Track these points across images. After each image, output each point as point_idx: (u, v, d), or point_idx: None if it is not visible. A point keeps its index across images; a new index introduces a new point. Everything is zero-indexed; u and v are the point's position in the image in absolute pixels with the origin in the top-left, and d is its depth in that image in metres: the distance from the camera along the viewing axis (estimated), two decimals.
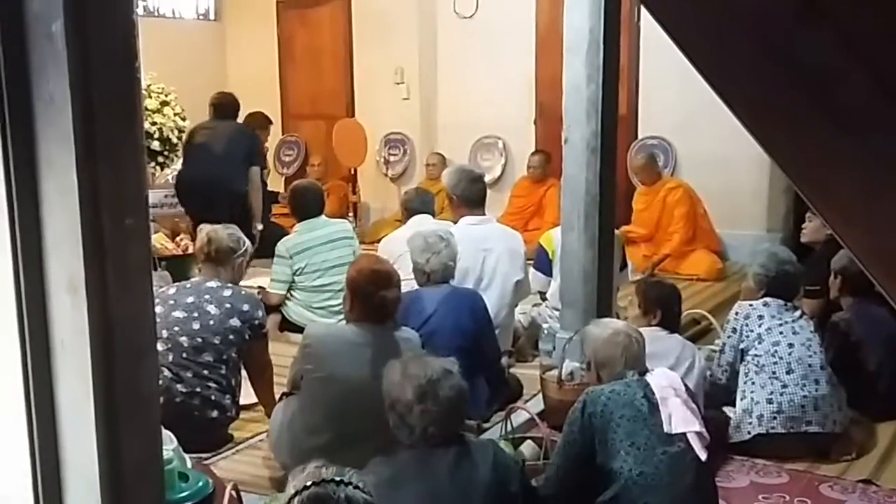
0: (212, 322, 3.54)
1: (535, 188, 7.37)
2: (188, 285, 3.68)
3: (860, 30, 1.04)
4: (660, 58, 5.96)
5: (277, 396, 3.66)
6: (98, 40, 1.34)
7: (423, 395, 2.48)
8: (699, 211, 6.69)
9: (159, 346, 3.24)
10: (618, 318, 4.21)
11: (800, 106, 1.06)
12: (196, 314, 3.54)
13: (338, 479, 1.93)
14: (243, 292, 3.79)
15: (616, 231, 4.59)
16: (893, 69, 1.05)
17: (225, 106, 6.20)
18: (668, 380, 2.93)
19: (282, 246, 5.07)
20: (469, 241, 4.38)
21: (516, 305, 4.69)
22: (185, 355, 3.49)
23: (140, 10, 7.79)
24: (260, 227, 6.00)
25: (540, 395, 4.03)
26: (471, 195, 4.65)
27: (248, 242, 3.92)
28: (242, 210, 5.79)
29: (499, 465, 2.55)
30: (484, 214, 4.70)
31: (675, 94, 6.32)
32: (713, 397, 3.89)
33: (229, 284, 3.74)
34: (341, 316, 4.73)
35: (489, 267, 4.47)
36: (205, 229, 3.86)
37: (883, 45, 1.04)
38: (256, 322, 3.67)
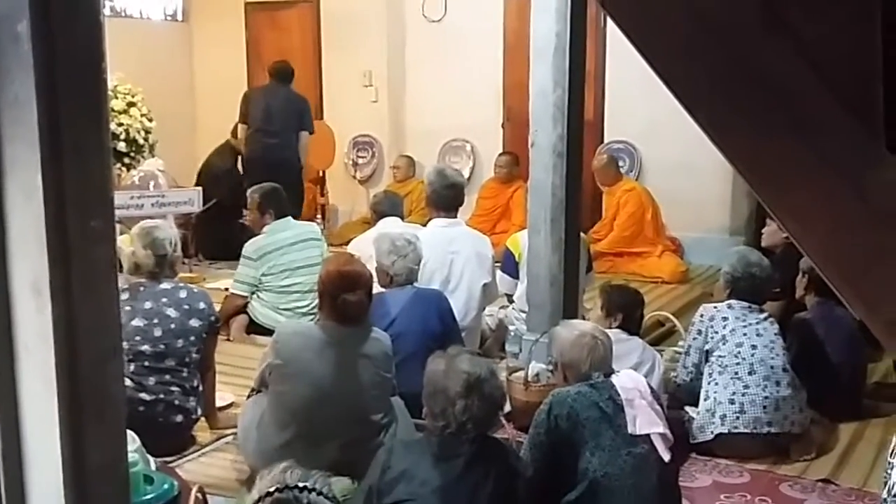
0: (173, 326, 3.52)
1: (503, 189, 7.40)
2: (142, 288, 3.58)
3: (821, 42, 1.07)
4: (626, 63, 6.00)
5: (245, 398, 3.65)
6: (64, 41, 1.34)
7: (470, 390, 2.52)
8: (647, 215, 6.77)
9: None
10: (584, 319, 4.25)
11: (760, 114, 1.09)
12: (156, 320, 3.51)
13: (301, 485, 1.93)
14: (195, 290, 3.79)
15: (582, 234, 4.63)
16: (852, 80, 1.08)
17: (281, 72, 6.91)
18: (634, 382, 2.96)
19: (250, 247, 5.06)
20: (438, 242, 4.40)
21: (484, 309, 4.71)
22: (147, 363, 3.46)
23: (107, 11, 7.71)
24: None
25: (507, 395, 4.05)
26: (439, 200, 4.68)
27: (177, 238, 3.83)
28: (298, 180, 6.54)
29: (510, 470, 2.59)
30: (455, 218, 4.73)
31: (641, 100, 6.38)
32: (677, 398, 3.95)
33: (181, 284, 3.75)
34: (309, 317, 4.75)
35: (457, 269, 4.49)
36: (140, 233, 3.67)
37: (843, 57, 1.07)
38: (213, 318, 3.70)
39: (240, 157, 7.11)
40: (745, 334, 3.86)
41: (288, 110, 6.78)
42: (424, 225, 4.84)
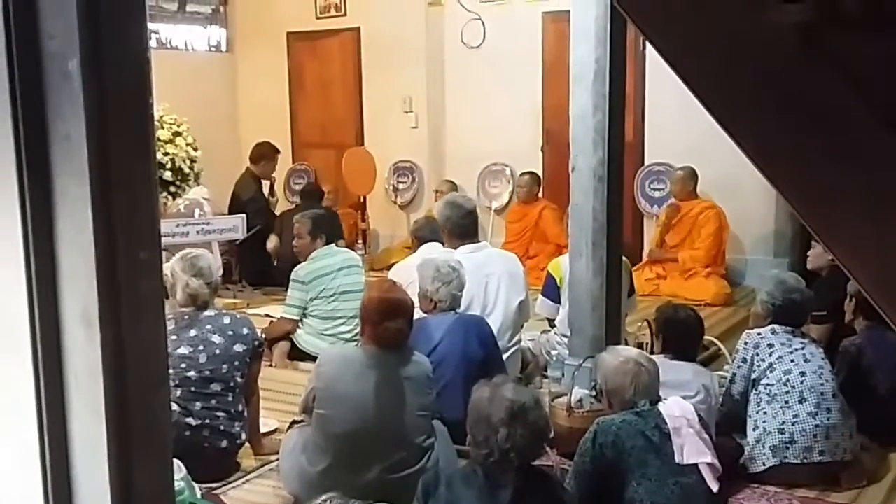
0: (218, 352, 3.56)
1: (526, 210, 7.43)
2: (186, 316, 3.62)
3: (862, 65, 1.05)
4: (665, 85, 5.98)
5: (287, 425, 3.67)
6: (113, 77, 1.37)
7: (513, 418, 2.49)
8: (725, 234, 6.72)
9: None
10: (626, 344, 4.21)
11: (804, 141, 1.08)
12: (202, 347, 3.55)
13: None
14: (238, 316, 3.84)
15: (624, 258, 4.60)
16: None
17: (310, 193, 7.36)
18: (682, 409, 2.92)
19: (301, 271, 5.13)
20: (471, 268, 4.40)
21: (521, 327, 4.69)
22: (193, 388, 3.50)
23: (153, 43, 7.88)
24: None
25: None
26: (462, 229, 4.69)
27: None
28: None
29: (557, 503, 2.56)
30: (478, 241, 4.74)
31: (681, 122, 6.35)
32: (724, 426, 3.87)
33: (224, 311, 3.81)
34: (353, 343, 4.77)
35: (492, 291, 4.49)
36: (185, 266, 3.67)
37: (885, 81, 1.06)
38: (256, 342, 3.73)
39: (263, 182, 7.32)
40: (792, 361, 3.78)
41: None
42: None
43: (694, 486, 2.73)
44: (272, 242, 7.00)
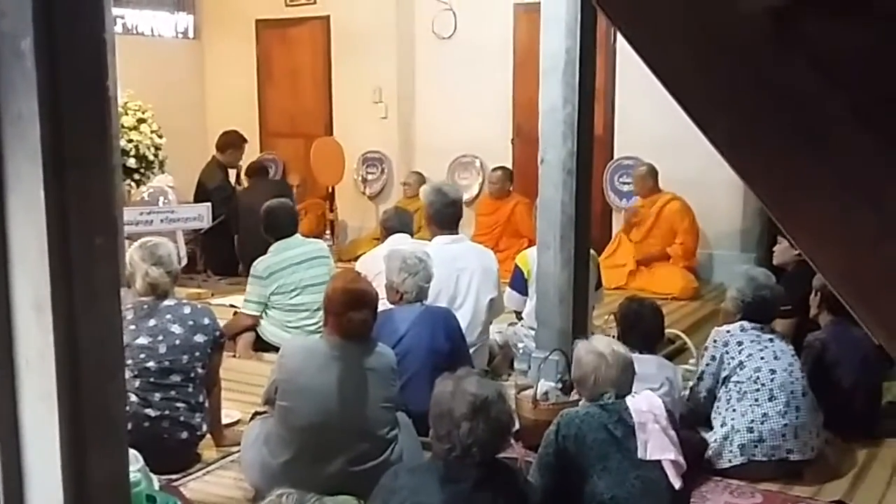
0: (178, 342, 3.50)
1: (498, 205, 7.43)
2: (145, 306, 3.55)
3: (836, 53, 1.04)
4: (636, 79, 6.01)
5: (249, 416, 3.63)
6: (67, 58, 1.33)
7: (476, 413, 2.45)
8: (696, 226, 6.78)
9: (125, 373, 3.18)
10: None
11: (773, 130, 1.06)
12: (161, 337, 3.48)
13: None
14: (199, 306, 3.80)
15: (592, 251, 4.61)
16: (869, 94, 1.05)
17: (257, 170, 7.26)
18: (649, 404, 2.90)
19: (259, 266, 5.05)
20: (444, 259, 4.38)
21: (490, 323, 4.69)
22: (152, 379, 3.44)
23: (119, 29, 7.75)
24: None
25: (515, 415, 4.01)
26: (442, 218, 4.67)
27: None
28: None
29: (518, 495, 2.54)
30: (457, 234, 4.71)
31: (651, 115, 6.37)
32: (688, 419, 3.89)
33: (184, 300, 3.75)
34: (317, 335, 4.73)
35: (463, 285, 4.48)
36: (144, 254, 3.59)
37: (859, 70, 1.05)
38: (217, 333, 3.67)
39: (229, 171, 7.26)
40: (762, 358, 3.77)
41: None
42: (430, 239, 4.83)
43: (656, 481, 2.72)
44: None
